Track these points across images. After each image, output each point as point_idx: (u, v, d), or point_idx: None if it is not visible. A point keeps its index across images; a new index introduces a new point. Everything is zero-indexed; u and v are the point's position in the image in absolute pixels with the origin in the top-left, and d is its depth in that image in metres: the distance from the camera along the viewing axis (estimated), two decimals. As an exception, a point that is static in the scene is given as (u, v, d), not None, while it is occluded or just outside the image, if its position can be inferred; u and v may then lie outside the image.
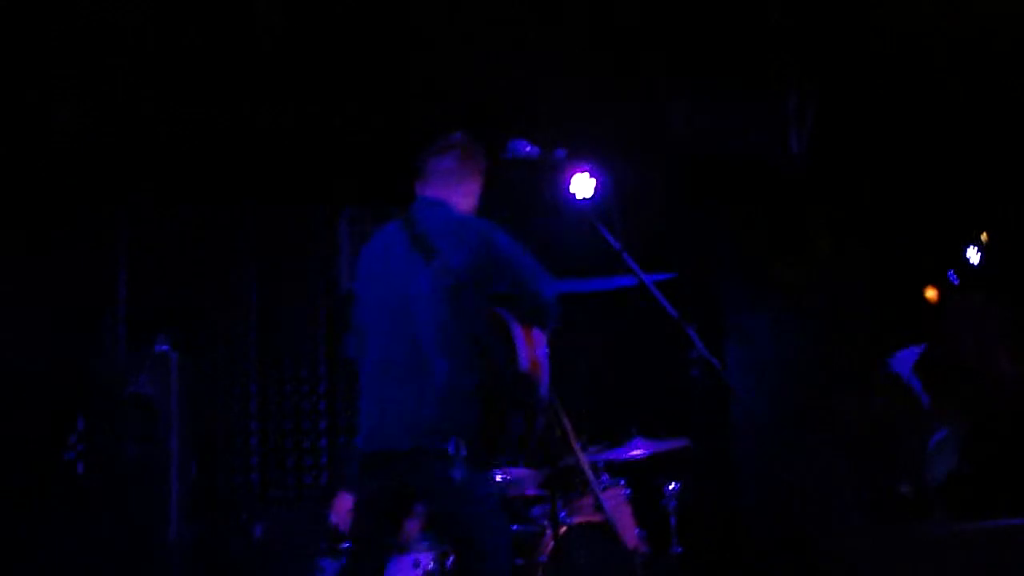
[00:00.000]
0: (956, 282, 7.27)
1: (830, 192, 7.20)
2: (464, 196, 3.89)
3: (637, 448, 5.51)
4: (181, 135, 6.46)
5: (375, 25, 5.97)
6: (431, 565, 4.82)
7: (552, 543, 4.86)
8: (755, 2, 6.17)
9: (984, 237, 7.24)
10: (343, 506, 5.15)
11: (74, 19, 5.59)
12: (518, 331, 3.60)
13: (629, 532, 5.26)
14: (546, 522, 5.01)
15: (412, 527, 5.23)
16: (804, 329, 7.15)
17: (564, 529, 4.92)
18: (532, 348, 3.58)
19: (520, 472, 5.26)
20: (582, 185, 4.27)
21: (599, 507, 4.86)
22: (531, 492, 5.37)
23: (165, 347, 6.05)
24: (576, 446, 4.73)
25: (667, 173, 7.04)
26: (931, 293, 7.34)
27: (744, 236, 7.38)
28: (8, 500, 5.73)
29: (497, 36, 6.10)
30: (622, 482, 5.47)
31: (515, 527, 5.15)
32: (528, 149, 3.82)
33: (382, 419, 3.61)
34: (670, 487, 5.65)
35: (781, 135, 6.77)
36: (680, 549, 5.57)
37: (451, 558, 4.81)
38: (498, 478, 5.08)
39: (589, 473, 4.76)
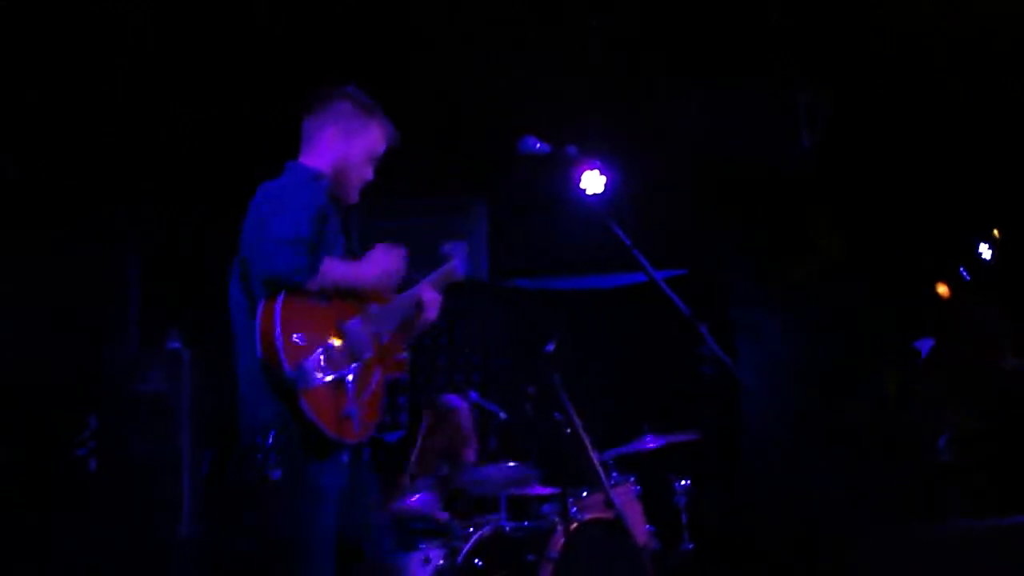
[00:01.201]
0: (968, 278, 7.27)
1: (839, 190, 7.20)
2: (322, 153, 3.76)
3: (648, 443, 5.52)
4: (190, 134, 6.48)
5: (375, 25, 5.97)
6: (441, 561, 4.83)
7: (563, 539, 4.86)
8: (756, 2, 6.17)
9: (996, 233, 7.24)
10: None
11: (76, 18, 5.61)
12: (260, 309, 3.31)
13: (639, 528, 5.26)
14: (557, 518, 5.01)
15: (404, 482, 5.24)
16: (814, 326, 7.16)
17: (575, 525, 4.92)
18: (267, 323, 3.25)
19: None
20: (593, 182, 4.28)
21: (610, 504, 4.86)
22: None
23: (177, 344, 6.06)
24: (587, 442, 4.75)
25: (678, 171, 7.05)
26: (943, 289, 7.34)
27: (754, 234, 7.38)
28: (20, 497, 5.74)
29: (500, 36, 6.11)
30: (632, 479, 5.48)
31: (525, 523, 5.16)
32: (539, 146, 3.82)
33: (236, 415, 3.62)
34: (681, 484, 5.66)
35: (791, 134, 6.77)
36: (691, 546, 5.58)
37: (462, 554, 4.82)
38: None
39: (599, 469, 4.78)
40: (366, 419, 3.35)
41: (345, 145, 3.75)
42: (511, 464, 5.24)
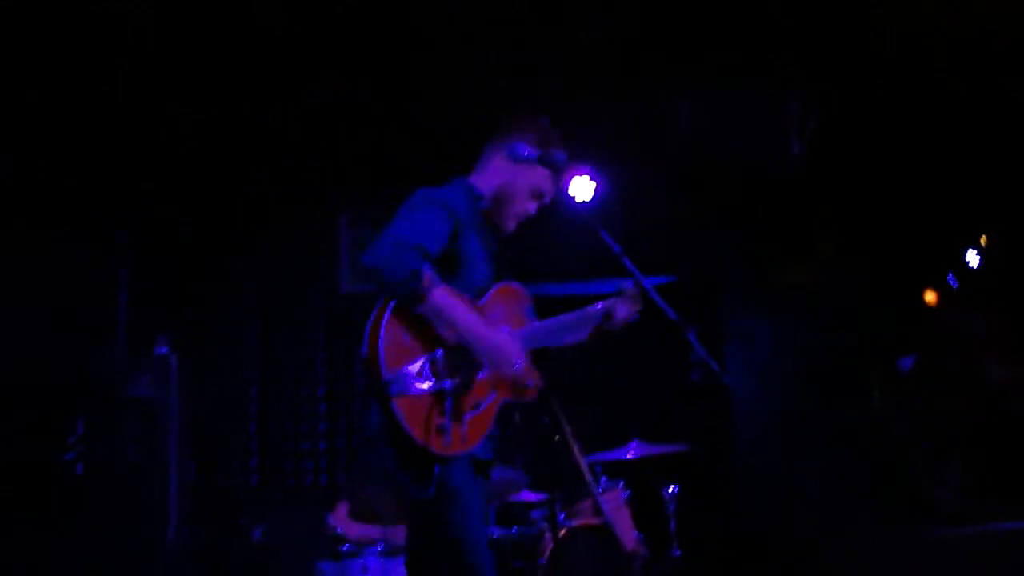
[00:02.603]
0: (955, 285, 7.27)
1: (831, 194, 7.20)
2: (489, 176, 3.79)
3: (634, 451, 5.51)
4: (181, 138, 6.47)
5: (375, 25, 5.97)
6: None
7: (551, 546, 4.85)
8: (756, 3, 6.17)
9: (983, 241, 7.25)
10: (342, 511, 5.18)
11: (72, 19, 5.60)
12: (375, 310, 3.31)
13: (628, 535, 5.25)
14: (545, 525, 5.00)
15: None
16: (805, 332, 7.15)
17: (563, 532, 4.91)
18: (375, 324, 3.25)
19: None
20: (582, 187, 4.27)
21: (598, 510, 4.85)
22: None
23: (165, 349, 6.06)
24: (575, 449, 4.73)
25: (668, 176, 7.04)
26: (930, 296, 7.34)
27: (745, 239, 7.38)
28: (7, 501, 5.72)
29: (497, 36, 6.11)
30: (621, 485, 5.46)
31: (514, 529, 5.15)
32: (527, 152, 3.80)
33: None
34: (669, 490, 5.65)
35: (783, 137, 6.77)
36: (679, 552, 5.56)
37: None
38: None
39: (588, 476, 4.77)
40: (466, 435, 3.35)
41: (512, 175, 3.77)
42: (500, 468, 5.23)
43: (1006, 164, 6.87)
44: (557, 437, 4.78)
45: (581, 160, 4.11)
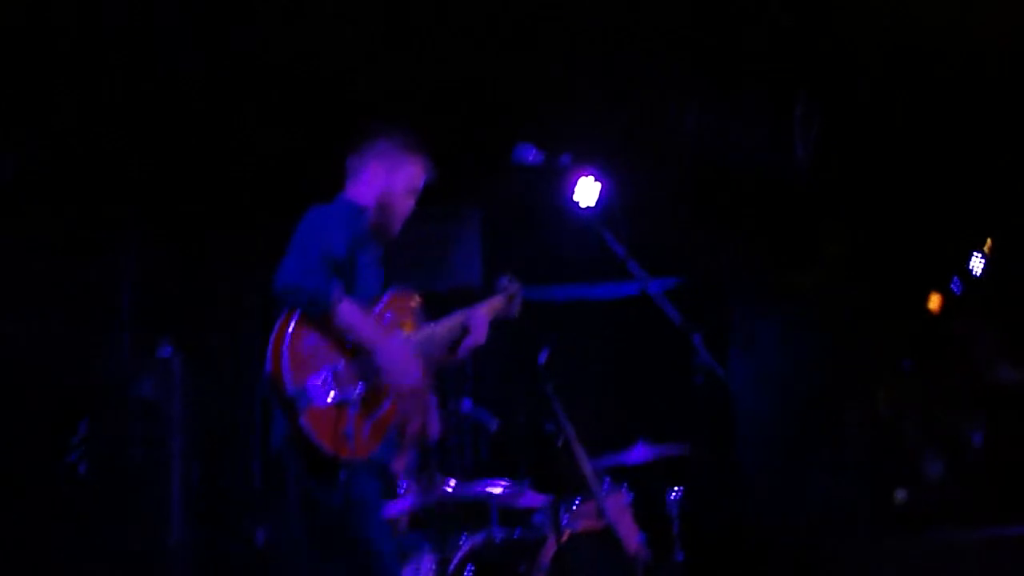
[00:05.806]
0: (959, 290, 7.27)
1: (837, 199, 7.20)
2: (367, 185, 3.90)
3: (640, 453, 5.51)
4: (185, 139, 6.48)
5: (375, 25, 5.98)
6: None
7: (554, 549, 4.84)
8: (758, 6, 6.18)
9: (988, 245, 7.25)
10: None
11: (78, 21, 5.61)
12: (276, 324, 3.44)
13: (631, 538, 5.24)
14: (548, 528, 4.99)
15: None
16: (809, 336, 7.15)
17: (566, 535, 4.90)
18: (278, 339, 3.36)
19: None
20: (587, 191, 4.27)
21: (601, 513, 4.85)
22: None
23: (169, 351, 6.06)
24: (579, 452, 4.73)
25: (673, 179, 7.04)
26: (935, 301, 7.35)
27: (750, 243, 7.38)
28: (11, 502, 5.72)
29: (501, 40, 6.11)
30: (624, 488, 5.45)
31: (517, 533, 5.14)
32: (533, 155, 3.81)
33: None
34: (673, 493, 5.64)
35: (788, 140, 6.77)
36: (683, 556, 5.56)
37: (452, 563, 4.80)
38: None
39: (591, 479, 4.77)
40: (369, 439, 3.43)
41: (387, 179, 3.88)
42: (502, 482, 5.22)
43: (1011, 168, 6.87)
44: (561, 440, 4.80)
45: (586, 163, 4.11)
